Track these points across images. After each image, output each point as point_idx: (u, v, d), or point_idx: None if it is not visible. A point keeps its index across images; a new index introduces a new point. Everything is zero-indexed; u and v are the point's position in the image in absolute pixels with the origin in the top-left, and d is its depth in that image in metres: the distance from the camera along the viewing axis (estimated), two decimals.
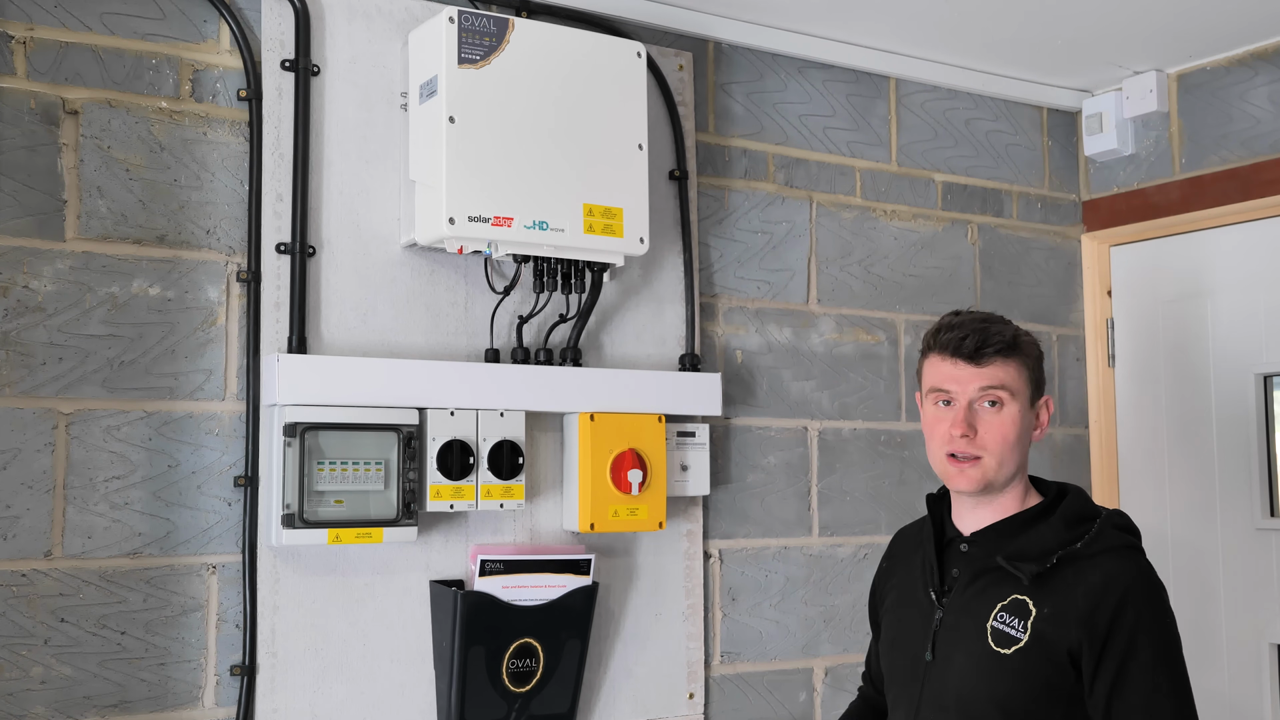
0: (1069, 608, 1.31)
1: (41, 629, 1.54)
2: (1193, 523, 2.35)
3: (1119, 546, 1.35)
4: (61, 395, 1.58)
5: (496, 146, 1.70)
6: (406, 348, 1.79)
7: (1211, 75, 2.34)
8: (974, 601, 1.38)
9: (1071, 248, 2.53)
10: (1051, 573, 1.34)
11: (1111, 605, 1.30)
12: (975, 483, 1.38)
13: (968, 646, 1.36)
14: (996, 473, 1.38)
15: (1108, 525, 1.37)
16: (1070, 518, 1.37)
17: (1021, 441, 1.39)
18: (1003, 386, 1.38)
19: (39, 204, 1.58)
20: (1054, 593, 1.32)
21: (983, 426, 1.38)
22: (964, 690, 1.35)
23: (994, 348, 1.38)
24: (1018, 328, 1.43)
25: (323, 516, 1.64)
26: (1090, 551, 1.34)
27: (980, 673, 1.34)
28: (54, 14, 1.61)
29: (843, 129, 2.26)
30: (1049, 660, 1.31)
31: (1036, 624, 1.32)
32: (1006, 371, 1.39)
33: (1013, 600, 1.34)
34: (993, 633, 1.34)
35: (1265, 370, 2.26)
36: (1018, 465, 1.39)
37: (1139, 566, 1.35)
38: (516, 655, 1.73)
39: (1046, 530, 1.36)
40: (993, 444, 1.37)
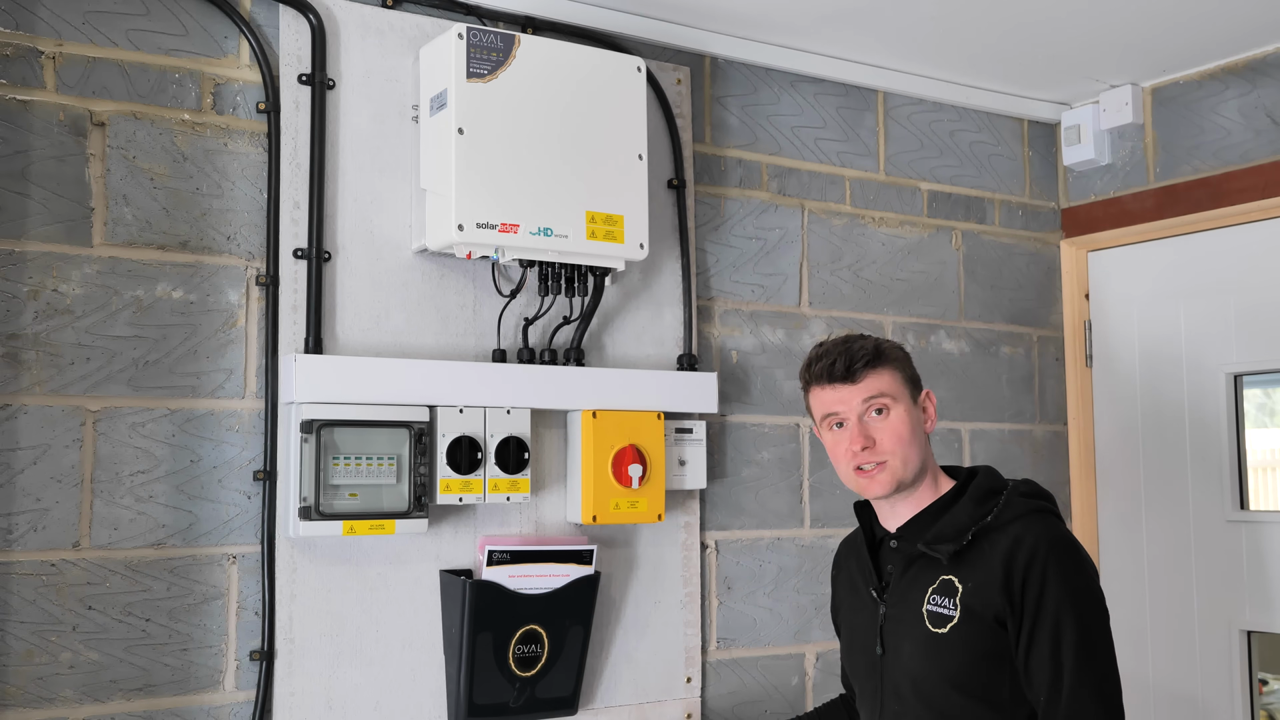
0: (989, 577, 1.37)
1: (70, 616, 1.57)
2: (1166, 515, 2.39)
3: (1026, 512, 1.41)
4: (89, 394, 1.60)
5: (503, 156, 1.73)
6: (417, 348, 1.82)
7: (1184, 89, 2.38)
8: (909, 591, 1.44)
9: (1051, 253, 2.58)
10: (969, 548, 1.40)
11: (1023, 565, 1.36)
12: (887, 486, 1.45)
13: (910, 633, 1.42)
14: (903, 471, 1.45)
15: (1014, 494, 1.43)
16: (980, 495, 1.43)
17: (916, 436, 1.46)
18: (881, 394, 1.45)
19: (68, 211, 1.61)
20: (974, 566, 1.39)
21: (877, 434, 1.45)
22: (915, 674, 1.41)
23: (861, 362, 1.45)
24: (878, 339, 1.50)
25: (338, 509, 1.66)
26: (1000, 522, 1.40)
27: (926, 655, 1.40)
28: (82, 30, 1.64)
29: (833, 140, 2.30)
30: (981, 629, 1.37)
31: (963, 599, 1.38)
32: (882, 380, 1.46)
33: (941, 581, 1.40)
34: (928, 615, 1.40)
35: (1235, 370, 2.30)
36: (921, 459, 1.46)
37: (1046, 525, 1.40)
38: (522, 641, 1.76)
39: (959, 511, 1.43)
40: (891, 445, 1.44)
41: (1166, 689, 2.39)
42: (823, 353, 1.49)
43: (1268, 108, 2.26)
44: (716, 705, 2.06)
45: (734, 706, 2.08)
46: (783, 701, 2.14)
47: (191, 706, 1.64)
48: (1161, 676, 2.40)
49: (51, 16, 1.63)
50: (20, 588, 1.55)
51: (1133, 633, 2.45)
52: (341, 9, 1.82)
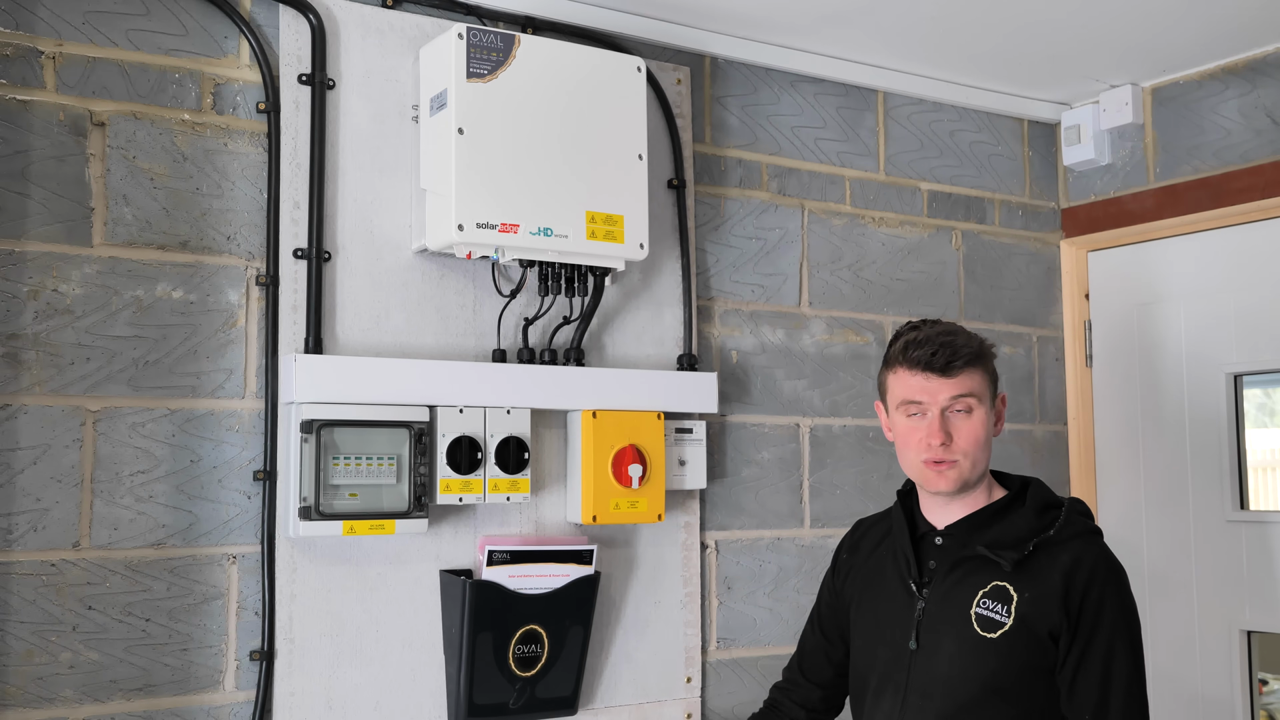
0: (1048, 591, 1.38)
1: (70, 616, 1.57)
2: (1166, 515, 2.39)
3: (1084, 532, 1.45)
4: (89, 394, 1.60)
5: (503, 156, 1.73)
6: (418, 348, 1.82)
7: (1184, 89, 2.39)
8: (954, 590, 1.43)
9: (1051, 253, 2.58)
10: (1029, 559, 1.41)
11: (1082, 585, 1.39)
12: (954, 483, 1.44)
13: (953, 632, 1.42)
14: (971, 472, 1.45)
15: (1073, 512, 1.45)
16: (1040, 507, 1.45)
17: (989, 440, 1.47)
18: (972, 394, 1.44)
19: (68, 211, 1.61)
20: (1033, 577, 1.40)
21: (956, 432, 1.44)
22: (952, 674, 1.41)
23: (963, 359, 1.43)
24: (975, 336, 1.48)
25: (338, 509, 1.66)
26: (1061, 537, 1.42)
27: (967, 656, 1.40)
28: (82, 30, 1.64)
29: (833, 140, 2.31)
30: (1032, 640, 1.38)
31: (1020, 608, 1.39)
32: (974, 380, 1.45)
33: (994, 586, 1.41)
34: (977, 618, 1.40)
35: (1235, 370, 2.30)
36: (987, 462, 1.47)
37: (1102, 549, 1.45)
38: (522, 641, 1.76)
39: (1019, 520, 1.44)
40: (968, 447, 1.44)
41: (1167, 689, 2.39)
42: (922, 339, 1.44)
43: (1268, 108, 2.27)
44: (716, 705, 2.07)
45: (734, 706, 2.09)
46: None
47: (191, 706, 1.64)
48: (1162, 676, 2.41)
49: (51, 16, 1.63)
50: (20, 588, 1.56)
51: None
52: (341, 9, 1.82)
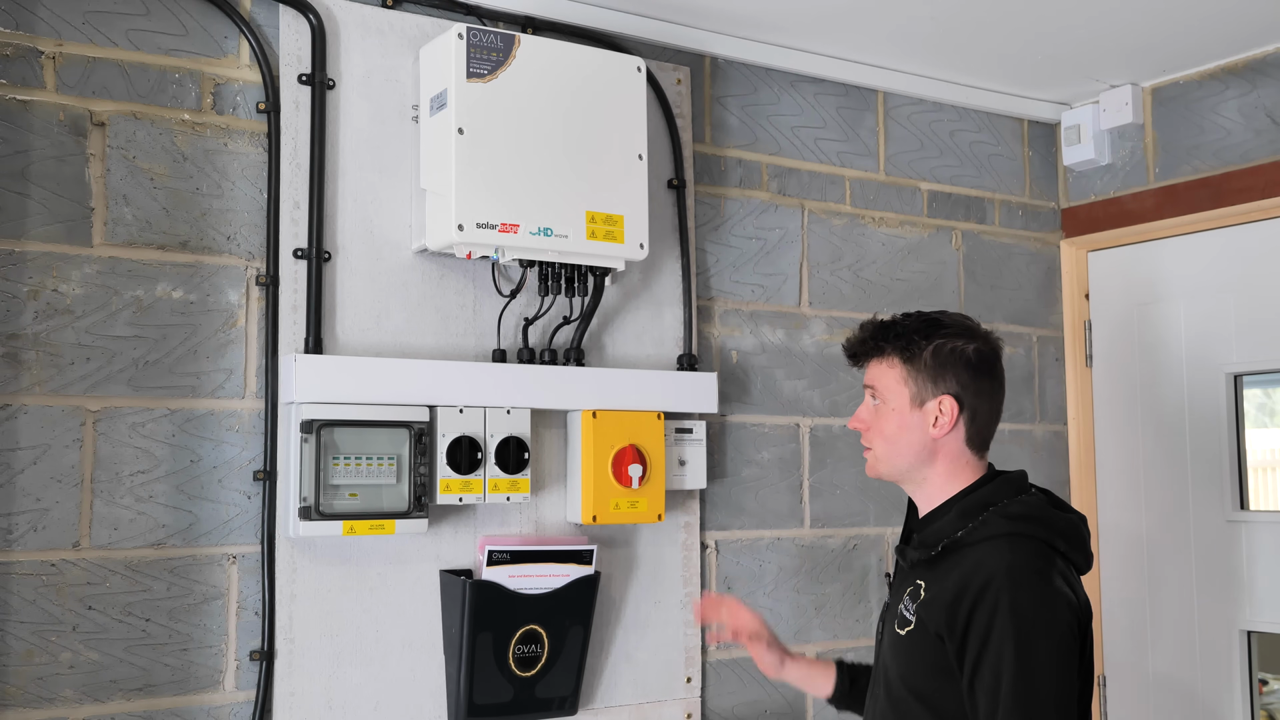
0: (941, 594, 1.33)
1: (70, 616, 1.57)
2: (1167, 515, 2.39)
3: (999, 535, 1.33)
4: (89, 394, 1.61)
5: (503, 156, 1.73)
6: (418, 348, 1.82)
7: (1184, 89, 2.39)
8: (900, 586, 1.44)
9: (1051, 253, 2.58)
10: (938, 560, 1.36)
11: (974, 592, 1.29)
12: (872, 470, 1.45)
13: (888, 630, 1.43)
14: (884, 465, 1.43)
15: (996, 515, 1.35)
16: (967, 508, 1.37)
17: (905, 438, 1.40)
18: (872, 387, 1.43)
19: (68, 211, 1.61)
20: (936, 579, 1.35)
21: (871, 420, 1.44)
22: (889, 669, 1.41)
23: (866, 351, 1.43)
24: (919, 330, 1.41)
25: (338, 509, 1.66)
26: (971, 540, 1.34)
27: (892, 654, 1.40)
28: (82, 30, 1.64)
29: (833, 140, 2.31)
30: (928, 643, 1.34)
31: (919, 608, 1.35)
32: (878, 371, 1.43)
33: (914, 585, 1.38)
34: (898, 615, 1.39)
35: (1235, 370, 2.30)
36: (910, 462, 1.41)
37: (1014, 554, 1.31)
38: (522, 641, 1.76)
39: (945, 522, 1.38)
40: (875, 437, 1.43)
41: (1166, 689, 2.40)
42: (860, 325, 1.47)
43: (1268, 108, 2.27)
44: (716, 705, 2.07)
45: (734, 706, 2.09)
46: (782, 701, 2.14)
47: (191, 706, 1.64)
48: (1161, 676, 2.41)
49: (51, 16, 1.63)
50: (20, 588, 1.56)
51: (1133, 632, 2.46)
52: (341, 9, 1.82)
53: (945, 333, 1.41)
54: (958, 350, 1.41)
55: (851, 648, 2.23)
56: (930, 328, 1.42)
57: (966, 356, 1.41)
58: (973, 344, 1.42)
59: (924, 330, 1.42)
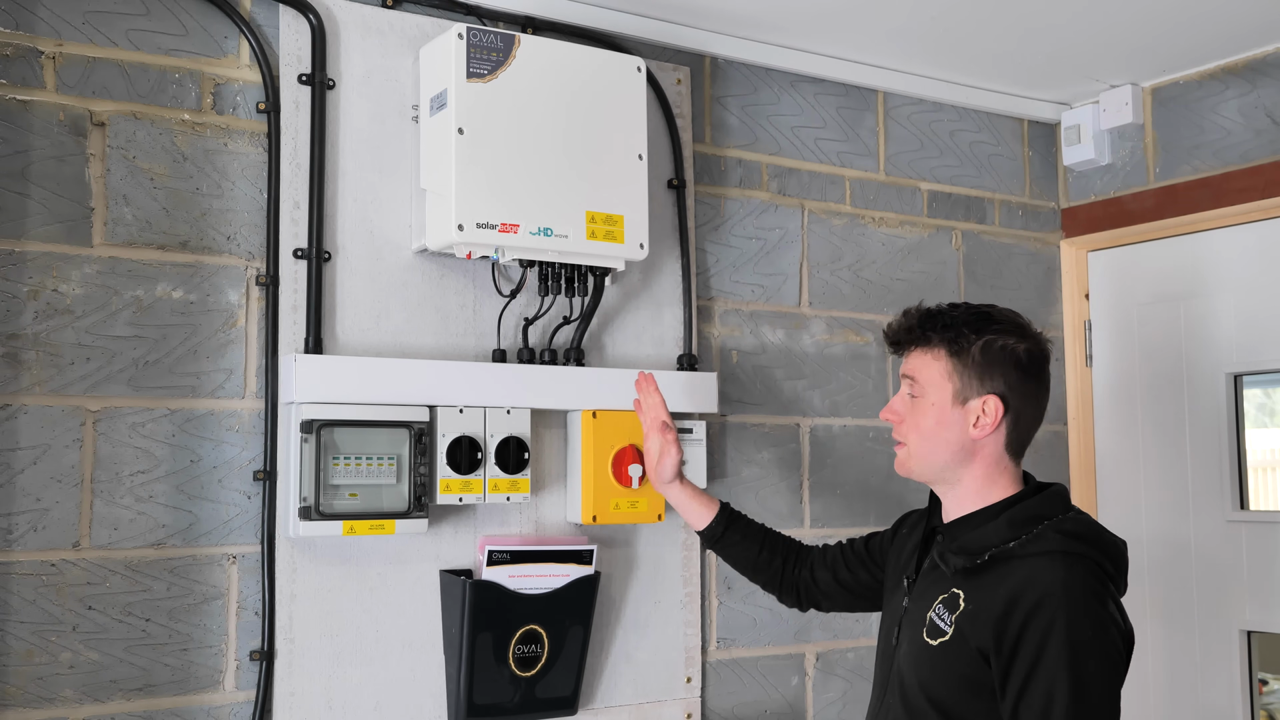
0: (987, 607, 1.26)
1: (70, 616, 1.57)
2: (1167, 515, 2.39)
3: (1054, 551, 1.27)
4: (89, 394, 1.61)
5: (503, 156, 1.73)
6: (418, 348, 1.82)
7: (1184, 89, 2.39)
8: (926, 591, 1.36)
9: (1051, 253, 2.59)
10: (982, 570, 1.29)
11: (1026, 609, 1.23)
12: (902, 466, 1.38)
13: (912, 635, 1.35)
14: (916, 463, 1.36)
15: (1050, 530, 1.29)
16: (1020, 519, 1.30)
17: (943, 435, 1.33)
18: (913, 378, 1.36)
19: (68, 211, 1.61)
20: (980, 590, 1.28)
21: (906, 414, 1.37)
22: (906, 677, 1.35)
23: (910, 339, 1.35)
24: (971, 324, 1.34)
25: (338, 509, 1.66)
26: (1023, 553, 1.27)
27: (915, 661, 1.33)
28: (82, 30, 1.64)
29: (833, 140, 2.31)
30: (965, 654, 1.27)
31: (959, 619, 1.28)
32: (920, 362, 1.35)
33: (950, 593, 1.31)
34: (929, 623, 1.32)
35: (1235, 370, 2.30)
36: (945, 461, 1.35)
37: (1068, 573, 1.25)
38: (522, 641, 1.76)
39: (992, 529, 1.31)
40: (909, 432, 1.36)
41: (1166, 689, 2.40)
42: (904, 311, 1.39)
43: (1268, 108, 2.27)
44: (716, 705, 2.07)
45: (734, 706, 2.09)
46: (782, 702, 2.14)
47: (191, 706, 1.64)
48: (1161, 676, 2.41)
49: (51, 16, 1.63)
50: (20, 588, 1.56)
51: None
52: (341, 9, 1.82)
53: (996, 329, 1.34)
54: (1009, 349, 1.33)
55: (852, 648, 2.23)
56: (981, 322, 1.34)
57: (1017, 356, 1.33)
58: (1024, 343, 1.34)
59: (974, 324, 1.34)
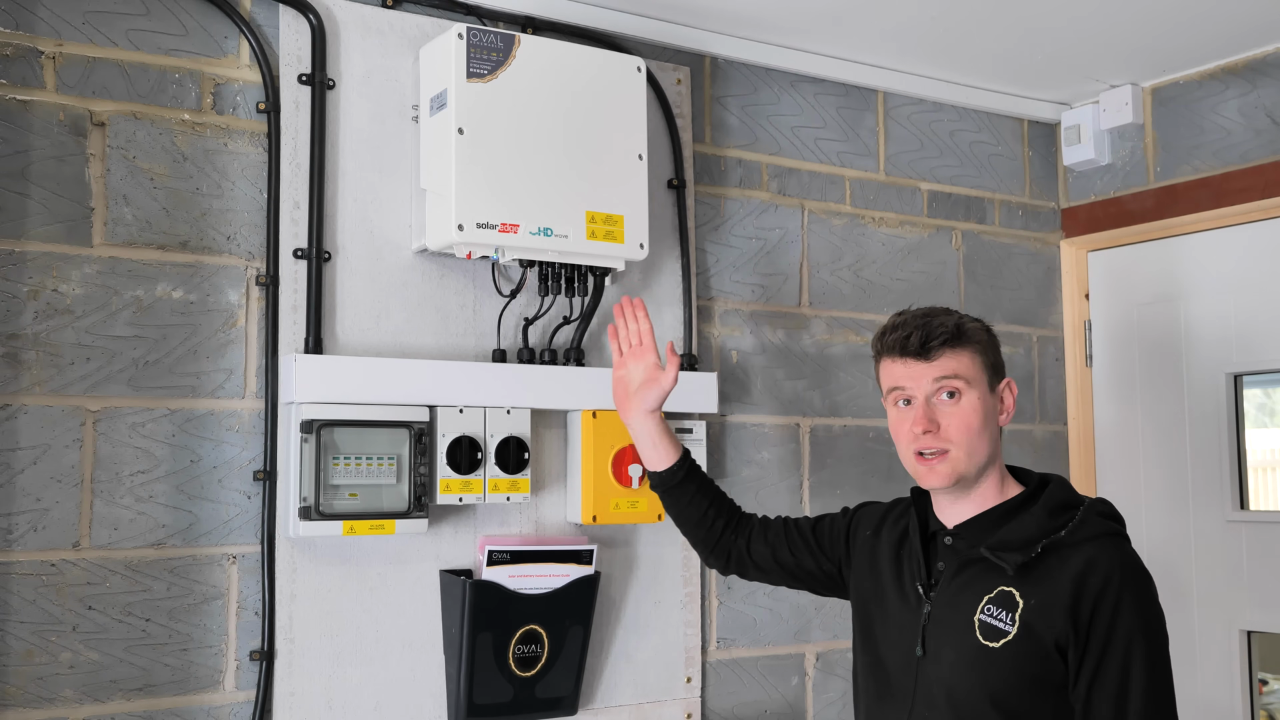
0: (1055, 598, 1.26)
1: (70, 616, 1.57)
2: (1167, 515, 2.39)
3: (1102, 534, 1.31)
4: (89, 394, 1.61)
5: (503, 156, 1.73)
6: (418, 348, 1.82)
7: (1184, 89, 2.39)
8: (961, 595, 1.33)
9: (1051, 253, 2.59)
10: (1036, 562, 1.29)
11: (1094, 593, 1.25)
12: (946, 478, 1.34)
13: (956, 641, 1.32)
14: (966, 464, 1.34)
15: (1091, 513, 1.31)
16: (1053, 506, 1.32)
17: (987, 428, 1.34)
18: (956, 376, 1.34)
19: (68, 211, 1.61)
20: (1040, 583, 1.28)
21: (944, 419, 1.33)
22: (955, 685, 1.31)
23: (939, 339, 1.34)
24: (963, 316, 1.38)
25: (338, 509, 1.66)
26: (1074, 539, 1.29)
27: (970, 667, 1.30)
28: (82, 30, 1.64)
29: (833, 140, 2.31)
30: (1038, 652, 1.26)
31: (1024, 615, 1.27)
32: (958, 361, 1.34)
33: (999, 592, 1.29)
34: (980, 626, 1.30)
35: (1235, 370, 2.30)
36: (988, 454, 1.35)
37: (1123, 553, 1.30)
38: (522, 641, 1.76)
39: (1029, 520, 1.31)
40: (957, 435, 1.33)
41: None
42: (900, 323, 1.37)
43: (1268, 108, 2.27)
44: (716, 705, 2.07)
45: (734, 706, 2.09)
46: (782, 702, 2.14)
47: (191, 706, 1.65)
48: None
49: (51, 16, 1.64)
50: (20, 588, 1.56)
51: None
52: (341, 9, 1.82)
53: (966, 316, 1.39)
54: (993, 333, 1.40)
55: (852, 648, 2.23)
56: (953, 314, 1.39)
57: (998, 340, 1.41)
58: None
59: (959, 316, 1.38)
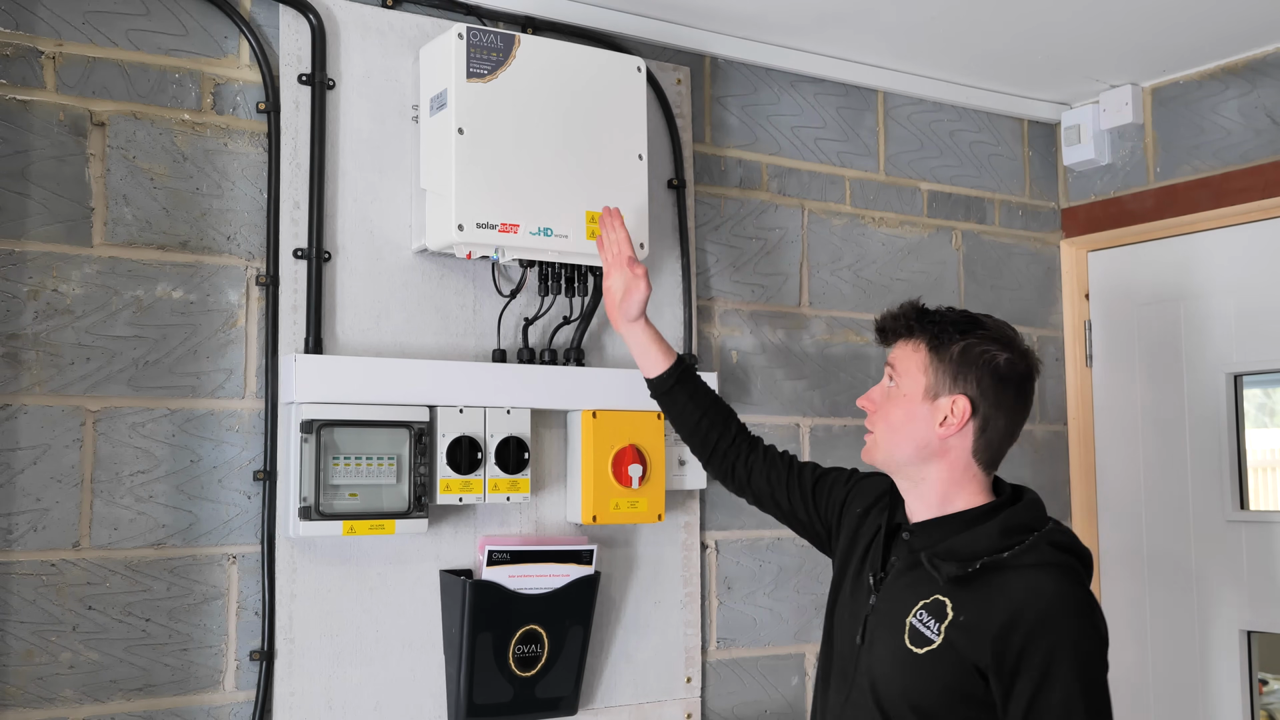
0: (986, 620, 1.24)
1: (70, 616, 1.57)
2: (1167, 515, 2.39)
3: (1050, 563, 1.27)
4: (89, 394, 1.61)
5: (503, 156, 1.73)
6: (418, 348, 1.82)
7: (1184, 89, 2.39)
8: (902, 593, 1.34)
9: (1051, 253, 2.59)
10: (975, 578, 1.27)
11: (1028, 626, 1.22)
12: (868, 454, 1.40)
13: (887, 638, 1.33)
14: (884, 452, 1.37)
15: (1043, 540, 1.28)
16: (1010, 526, 1.29)
17: (909, 429, 1.34)
18: (894, 366, 1.38)
19: (68, 211, 1.61)
20: (973, 601, 1.26)
21: (880, 401, 1.38)
22: (879, 680, 1.32)
23: (896, 330, 1.38)
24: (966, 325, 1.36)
25: (338, 509, 1.66)
26: (1017, 563, 1.26)
27: (894, 667, 1.30)
28: (82, 30, 1.64)
29: (833, 140, 2.31)
30: (958, 667, 1.25)
31: (950, 630, 1.26)
32: (902, 353, 1.37)
33: (935, 600, 1.29)
34: (910, 629, 1.29)
35: (1235, 370, 2.30)
36: (910, 455, 1.35)
37: (1064, 585, 1.25)
38: (522, 641, 1.76)
39: (980, 534, 1.29)
40: (878, 421, 1.38)
41: (1167, 689, 2.40)
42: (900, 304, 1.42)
43: (1268, 108, 2.27)
44: (716, 705, 2.07)
45: (734, 707, 2.09)
46: (782, 702, 2.15)
47: (191, 706, 1.65)
48: (1161, 676, 2.41)
49: (51, 16, 1.64)
50: (20, 588, 1.56)
51: (1133, 633, 2.46)
52: (341, 9, 1.82)
53: (982, 334, 1.35)
54: (989, 355, 1.34)
55: None
56: (968, 325, 1.36)
57: (996, 364, 1.34)
58: (1006, 354, 1.34)
59: (961, 325, 1.36)
